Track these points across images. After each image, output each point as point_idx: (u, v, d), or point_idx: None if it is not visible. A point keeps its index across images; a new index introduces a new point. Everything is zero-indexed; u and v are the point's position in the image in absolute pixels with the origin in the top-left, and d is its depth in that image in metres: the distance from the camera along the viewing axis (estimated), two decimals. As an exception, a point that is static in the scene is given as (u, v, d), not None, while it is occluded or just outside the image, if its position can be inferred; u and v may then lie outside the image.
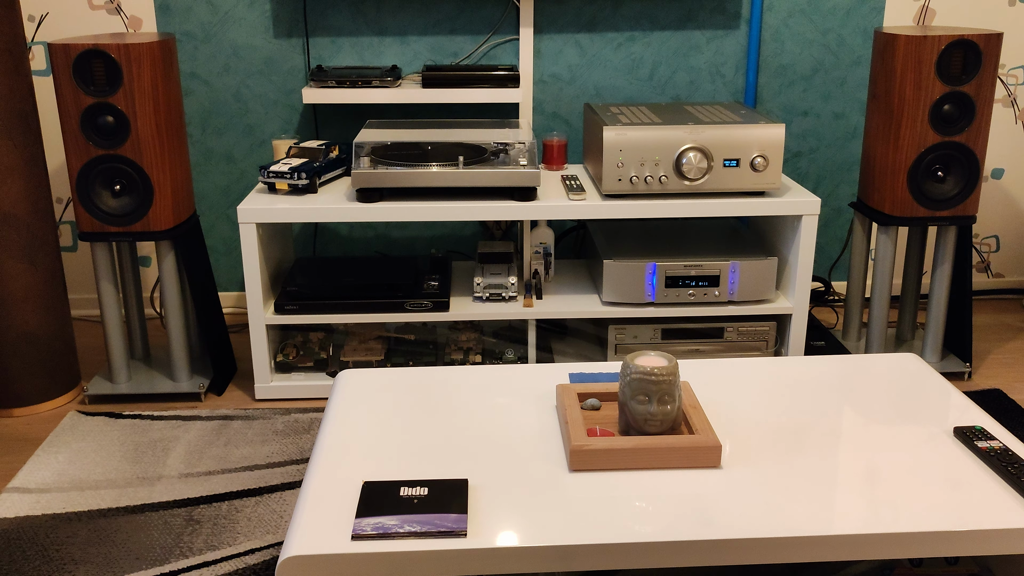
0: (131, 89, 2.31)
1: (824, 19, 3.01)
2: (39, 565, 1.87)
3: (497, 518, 1.35)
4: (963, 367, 2.69)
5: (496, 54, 3.00)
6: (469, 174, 2.43)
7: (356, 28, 2.95)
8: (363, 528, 1.31)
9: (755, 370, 1.85)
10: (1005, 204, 3.28)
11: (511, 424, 1.63)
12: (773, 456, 1.52)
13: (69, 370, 2.61)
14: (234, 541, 1.96)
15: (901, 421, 1.64)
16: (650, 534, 1.31)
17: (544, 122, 3.08)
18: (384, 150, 2.53)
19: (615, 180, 2.46)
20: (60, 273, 2.56)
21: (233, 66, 2.98)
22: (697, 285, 2.55)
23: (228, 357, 2.73)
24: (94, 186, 2.40)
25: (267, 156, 3.08)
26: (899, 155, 2.49)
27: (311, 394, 2.60)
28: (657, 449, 1.47)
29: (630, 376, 1.49)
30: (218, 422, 2.47)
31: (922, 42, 2.39)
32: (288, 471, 2.23)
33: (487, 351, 2.72)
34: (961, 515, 1.36)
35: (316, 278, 2.64)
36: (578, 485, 1.44)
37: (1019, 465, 1.45)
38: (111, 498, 2.11)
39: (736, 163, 2.46)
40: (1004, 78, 3.13)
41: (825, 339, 2.87)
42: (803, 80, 3.07)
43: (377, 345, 2.70)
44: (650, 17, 2.98)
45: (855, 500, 1.39)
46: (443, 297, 2.56)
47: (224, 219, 3.15)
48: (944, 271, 2.63)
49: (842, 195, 3.21)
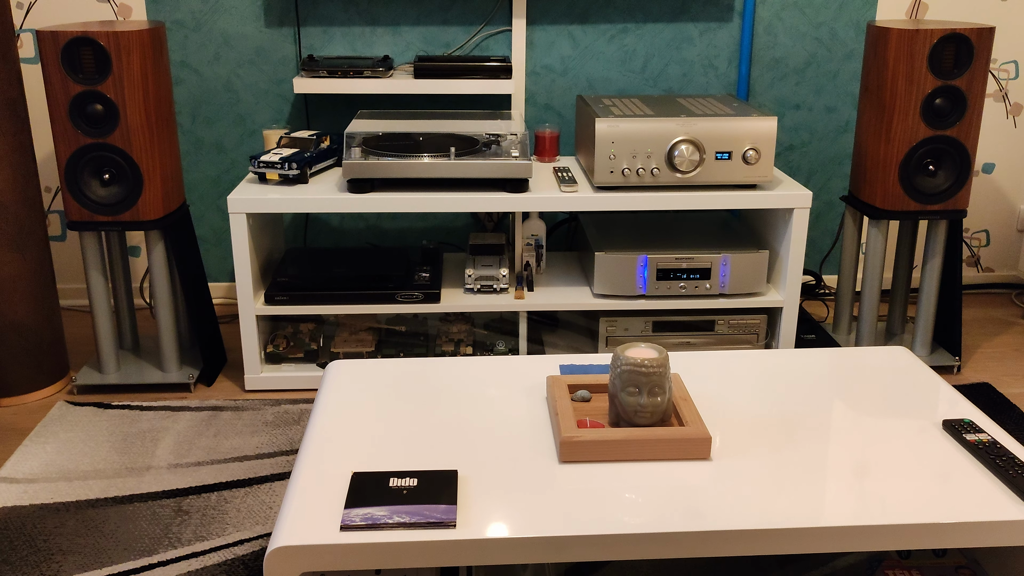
0: (120, 77, 2.30)
1: (817, 12, 3.01)
2: (27, 555, 1.87)
3: (487, 509, 1.35)
4: (952, 361, 2.70)
5: (488, 45, 2.99)
6: (461, 165, 2.42)
7: (348, 18, 2.93)
8: (352, 519, 1.31)
9: (746, 363, 1.85)
10: (996, 198, 3.29)
11: (501, 415, 1.63)
12: (763, 448, 1.52)
13: (57, 360, 2.60)
14: (223, 532, 1.95)
15: (890, 414, 1.64)
16: (640, 525, 1.31)
17: (536, 114, 3.07)
18: (375, 141, 2.52)
19: (607, 172, 2.46)
20: (49, 262, 2.55)
21: (224, 55, 2.96)
22: (688, 278, 2.56)
23: (218, 348, 2.72)
24: (83, 175, 2.38)
25: (258, 146, 3.06)
26: (891, 149, 2.49)
27: (301, 385, 2.59)
28: (647, 441, 1.47)
29: (620, 368, 1.49)
30: (207, 413, 2.46)
31: (914, 36, 2.39)
32: (277, 462, 2.22)
33: (478, 343, 2.72)
34: (949, 507, 1.36)
35: (307, 269, 2.64)
36: (568, 476, 1.43)
37: (1007, 458, 1.46)
38: (99, 488, 2.11)
39: (728, 156, 2.46)
40: (996, 72, 3.14)
41: (815, 332, 2.87)
42: (796, 73, 3.07)
43: (368, 336, 2.69)
44: (643, 9, 2.97)
45: (844, 492, 1.40)
46: (434, 288, 2.55)
47: (214, 209, 3.14)
48: (934, 265, 2.64)
49: (834, 188, 3.22)
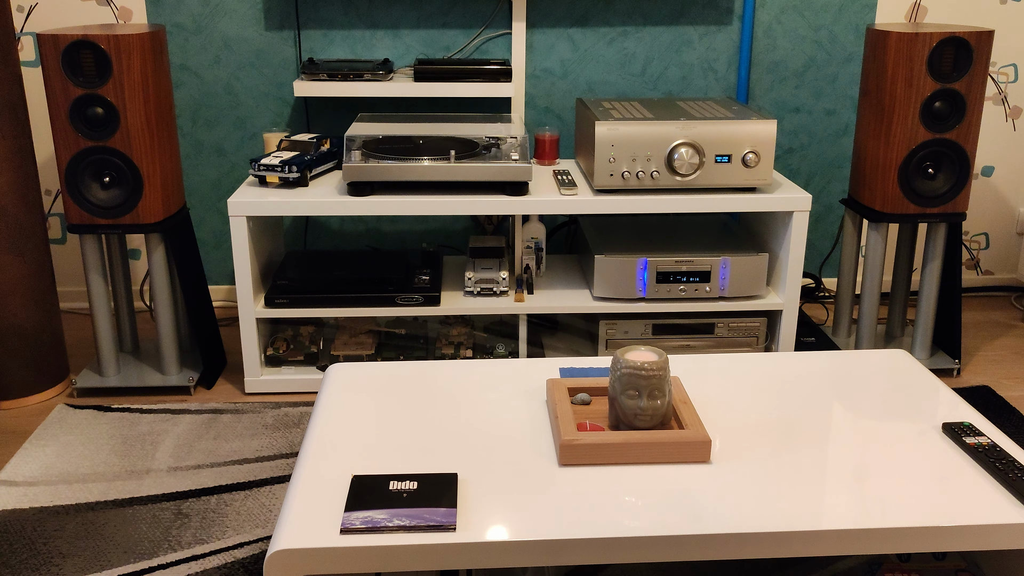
0: (121, 80, 2.30)
1: (816, 16, 3.01)
2: (26, 558, 1.87)
3: (486, 512, 1.35)
4: (952, 364, 2.70)
5: (488, 48, 2.99)
6: (461, 168, 2.43)
7: (348, 21, 2.94)
8: (352, 522, 1.31)
9: (745, 366, 1.85)
10: (995, 201, 3.29)
11: (501, 418, 1.63)
12: (762, 451, 1.52)
13: (58, 363, 2.60)
14: (223, 535, 1.95)
15: (890, 417, 1.64)
16: (639, 529, 1.31)
17: (536, 117, 3.07)
18: (375, 144, 2.52)
19: (607, 175, 2.46)
20: (49, 265, 2.55)
21: (224, 58, 2.96)
22: (688, 281, 2.56)
23: (218, 350, 2.72)
24: (83, 178, 2.39)
25: (258, 149, 3.07)
26: (890, 152, 2.49)
27: (301, 388, 2.59)
28: (647, 444, 1.47)
29: (620, 371, 1.49)
30: (207, 416, 2.46)
31: (914, 39, 2.40)
32: (277, 465, 2.22)
33: (478, 346, 2.72)
34: (949, 511, 1.36)
35: (307, 272, 2.64)
36: (568, 479, 1.43)
37: (1007, 461, 1.46)
38: (99, 491, 2.11)
39: (728, 159, 2.46)
40: (995, 76, 3.14)
41: (815, 335, 2.87)
42: (795, 76, 3.07)
43: (367, 339, 2.69)
44: (643, 12, 2.98)
45: (844, 495, 1.40)
46: (434, 291, 2.55)
47: (214, 212, 3.14)
48: (934, 268, 2.64)
49: (833, 192, 3.22)
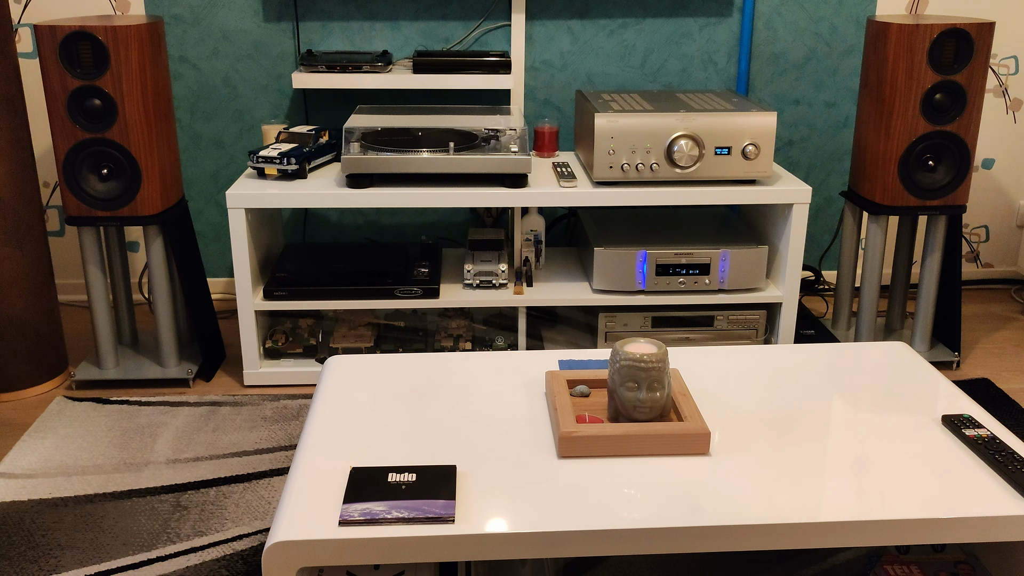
0: (118, 72, 2.29)
1: (817, 7, 3.00)
2: (25, 551, 1.87)
3: (485, 504, 1.35)
4: (952, 356, 2.70)
5: (487, 40, 2.98)
6: (460, 160, 2.42)
7: (347, 12, 2.93)
8: (351, 514, 1.31)
9: (745, 358, 1.85)
10: (995, 194, 3.28)
11: (500, 411, 1.62)
12: (762, 443, 1.52)
13: (56, 355, 2.59)
14: (222, 527, 1.95)
15: (890, 409, 1.64)
16: (638, 521, 1.31)
17: (535, 109, 3.06)
18: (374, 136, 2.51)
19: (606, 167, 2.46)
20: (47, 258, 2.54)
21: (222, 50, 2.95)
22: (688, 273, 2.55)
23: (217, 343, 2.72)
24: (81, 170, 2.38)
25: (256, 141, 3.06)
26: (890, 144, 2.48)
27: (300, 380, 2.59)
28: (646, 436, 1.47)
29: (619, 363, 1.49)
30: (206, 408, 2.46)
31: (914, 31, 2.39)
32: (276, 457, 2.22)
33: (477, 338, 2.72)
34: (948, 503, 1.36)
35: (305, 264, 2.63)
36: (567, 471, 1.43)
37: (1006, 453, 1.46)
38: (98, 484, 2.10)
39: (728, 151, 2.46)
40: (996, 68, 3.13)
41: (815, 328, 2.87)
42: (795, 68, 3.06)
43: (367, 332, 2.69)
44: (642, 4, 2.96)
45: (843, 488, 1.40)
46: (433, 284, 2.55)
47: (213, 204, 3.13)
48: (934, 260, 2.64)
49: (833, 184, 3.21)
